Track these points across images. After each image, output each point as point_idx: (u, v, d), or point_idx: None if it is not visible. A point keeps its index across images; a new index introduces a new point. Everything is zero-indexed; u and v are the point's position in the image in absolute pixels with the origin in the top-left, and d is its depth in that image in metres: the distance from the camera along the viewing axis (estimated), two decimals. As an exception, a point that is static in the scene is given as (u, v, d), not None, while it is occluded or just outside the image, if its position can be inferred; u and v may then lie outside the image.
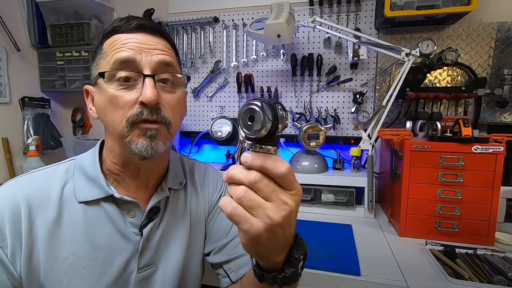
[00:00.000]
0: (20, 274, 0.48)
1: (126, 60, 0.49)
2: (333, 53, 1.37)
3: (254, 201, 0.31)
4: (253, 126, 0.29)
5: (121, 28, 0.51)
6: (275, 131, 0.31)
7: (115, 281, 0.52)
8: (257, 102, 0.29)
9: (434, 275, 0.77)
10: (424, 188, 0.95)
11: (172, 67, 0.53)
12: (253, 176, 0.31)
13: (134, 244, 0.55)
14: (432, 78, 1.26)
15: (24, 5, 1.51)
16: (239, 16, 1.46)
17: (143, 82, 0.49)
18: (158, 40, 0.53)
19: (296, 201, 0.32)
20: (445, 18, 1.16)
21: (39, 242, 0.49)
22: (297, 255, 0.37)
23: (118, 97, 0.49)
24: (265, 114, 0.29)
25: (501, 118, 1.20)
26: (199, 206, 0.66)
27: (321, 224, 1.10)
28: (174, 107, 0.53)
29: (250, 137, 0.31)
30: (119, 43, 0.50)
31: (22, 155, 1.53)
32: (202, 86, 1.55)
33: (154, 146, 0.50)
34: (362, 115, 1.33)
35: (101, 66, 0.52)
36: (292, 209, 0.31)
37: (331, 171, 1.29)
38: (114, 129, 0.50)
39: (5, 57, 1.45)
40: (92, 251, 0.51)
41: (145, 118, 0.49)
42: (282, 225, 0.31)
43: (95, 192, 0.53)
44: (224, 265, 0.62)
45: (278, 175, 0.31)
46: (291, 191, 0.32)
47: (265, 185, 0.31)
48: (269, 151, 0.31)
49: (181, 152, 1.61)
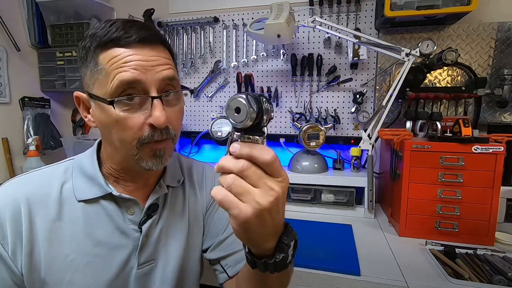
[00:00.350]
0: (22, 272, 0.49)
1: (131, 81, 0.47)
2: (333, 53, 1.37)
3: (243, 187, 0.33)
4: (239, 117, 0.32)
5: (120, 41, 0.47)
6: (260, 122, 0.34)
7: (115, 277, 0.53)
8: (242, 95, 0.32)
9: (434, 275, 0.77)
10: (424, 188, 0.95)
11: (175, 80, 0.52)
12: (241, 164, 0.33)
13: (133, 241, 0.56)
14: (432, 78, 1.26)
15: (24, 5, 1.51)
16: (239, 16, 1.46)
17: (151, 103, 0.48)
18: (160, 53, 0.50)
19: (282, 188, 0.34)
20: (445, 18, 1.16)
21: (40, 240, 0.50)
22: (287, 241, 0.39)
23: (126, 119, 0.48)
24: (250, 105, 0.32)
25: (501, 118, 1.20)
26: (197, 204, 0.67)
27: (321, 224, 1.10)
28: (177, 118, 0.54)
29: (238, 127, 0.34)
30: (120, 61, 0.46)
31: (22, 155, 1.53)
32: (202, 86, 1.55)
33: (163, 162, 0.53)
34: (362, 115, 1.33)
35: (101, 84, 0.48)
36: (279, 195, 0.33)
37: (331, 171, 1.29)
38: (122, 147, 0.51)
39: (5, 57, 1.45)
40: (93, 248, 0.52)
41: (156, 139, 0.50)
42: (270, 210, 0.33)
43: (94, 190, 0.54)
44: (221, 261, 0.63)
45: (264, 163, 0.33)
46: (278, 178, 0.34)
47: (253, 172, 0.33)
48: (256, 141, 0.34)
49: (181, 152, 1.61)
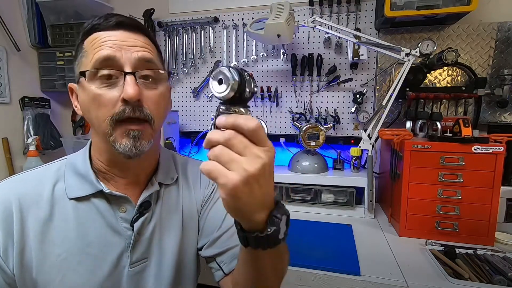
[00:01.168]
0: (13, 272, 0.49)
1: (107, 58, 0.49)
2: (333, 53, 1.37)
3: (229, 156, 0.33)
4: (222, 87, 0.34)
5: (100, 26, 0.51)
6: (243, 93, 0.35)
7: (108, 276, 0.53)
8: (224, 67, 0.35)
9: (434, 275, 0.77)
10: (424, 188, 0.95)
11: (153, 63, 0.53)
12: (226, 134, 0.34)
13: (125, 239, 0.55)
14: (432, 78, 1.26)
15: (24, 5, 1.51)
16: (239, 16, 1.46)
17: (124, 79, 0.49)
18: (137, 37, 0.53)
19: (269, 156, 0.35)
20: (445, 18, 1.16)
21: (31, 239, 0.50)
22: (278, 214, 0.39)
23: (101, 95, 0.49)
24: (232, 75, 0.34)
25: (501, 118, 1.20)
26: (191, 201, 0.66)
27: (321, 224, 1.10)
28: (157, 103, 0.53)
29: (222, 99, 0.36)
30: (99, 41, 0.50)
31: (22, 155, 1.53)
32: (202, 86, 1.55)
33: (139, 146, 0.51)
34: (362, 115, 1.33)
35: (82, 65, 0.52)
36: (265, 162, 0.34)
37: (331, 171, 1.29)
38: (98, 127, 0.51)
39: (5, 57, 1.45)
40: (85, 247, 0.52)
41: (127, 115, 0.49)
42: (257, 177, 0.33)
43: (85, 188, 0.54)
44: (216, 258, 0.62)
45: (249, 131, 0.33)
46: (264, 147, 0.34)
47: (239, 142, 0.33)
48: (241, 112, 0.36)
49: (181, 152, 1.61)
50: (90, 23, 0.52)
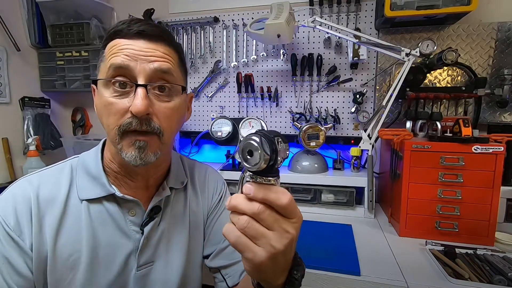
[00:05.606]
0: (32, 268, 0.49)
1: (120, 67, 0.48)
2: (333, 53, 1.37)
3: (257, 231, 0.32)
4: (252, 160, 0.31)
5: (122, 32, 0.50)
6: (274, 164, 0.32)
7: (116, 278, 0.54)
8: (255, 137, 0.30)
9: (434, 275, 0.77)
10: (424, 188, 0.95)
11: (170, 74, 0.51)
12: (256, 207, 0.32)
13: (134, 242, 0.56)
14: (432, 78, 1.26)
15: (24, 5, 1.51)
16: (239, 16, 1.46)
17: (135, 91, 0.49)
18: (157, 47, 0.51)
19: (297, 229, 0.34)
20: (445, 18, 1.16)
21: (47, 239, 0.50)
22: (297, 275, 0.39)
23: (112, 103, 0.49)
24: (263, 149, 0.30)
25: (501, 118, 1.20)
26: (198, 208, 0.66)
27: (321, 224, 1.10)
28: (167, 116, 0.52)
29: (251, 170, 0.32)
30: (116, 48, 0.49)
31: (22, 155, 1.53)
32: (202, 86, 1.55)
33: (143, 157, 0.50)
34: (362, 115, 1.33)
35: (100, 70, 0.52)
36: (293, 237, 0.33)
37: (331, 171, 1.29)
38: (108, 133, 0.52)
39: (5, 57, 1.45)
40: (94, 249, 0.53)
41: (134, 128, 0.49)
42: (284, 252, 0.33)
43: (97, 190, 0.54)
44: (222, 270, 0.62)
45: (281, 207, 0.32)
46: (293, 219, 0.33)
47: (268, 216, 0.32)
48: (270, 181, 0.33)
49: (181, 152, 1.61)
50: (113, 28, 0.51)
